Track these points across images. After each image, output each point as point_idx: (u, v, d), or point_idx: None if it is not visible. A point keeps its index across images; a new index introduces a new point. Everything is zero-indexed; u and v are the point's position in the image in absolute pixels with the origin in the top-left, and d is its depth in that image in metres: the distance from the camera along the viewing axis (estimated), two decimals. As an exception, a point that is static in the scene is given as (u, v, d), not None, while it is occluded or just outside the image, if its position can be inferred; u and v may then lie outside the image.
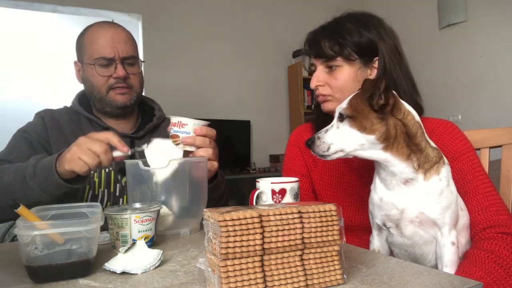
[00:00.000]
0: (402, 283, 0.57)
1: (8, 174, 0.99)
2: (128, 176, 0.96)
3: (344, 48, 0.97)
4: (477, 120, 3.66)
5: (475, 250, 0.82)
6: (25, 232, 0.61)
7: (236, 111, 4.34)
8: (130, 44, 1.21)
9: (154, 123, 1.29)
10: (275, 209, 0.53)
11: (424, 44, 4.16)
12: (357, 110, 0.77)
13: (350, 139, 0.78)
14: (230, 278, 0.50)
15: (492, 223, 0.85)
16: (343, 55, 0.98)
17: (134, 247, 0.70)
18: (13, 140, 1.17)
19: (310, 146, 0.81)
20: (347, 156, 0.80)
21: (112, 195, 1.17)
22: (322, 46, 1.00)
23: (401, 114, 0.78)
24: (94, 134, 0.95)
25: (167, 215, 0.91)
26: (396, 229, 0.83)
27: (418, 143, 0.79)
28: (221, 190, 1.20)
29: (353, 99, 0.79)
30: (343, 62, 0.98)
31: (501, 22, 3.55)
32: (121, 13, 3.94)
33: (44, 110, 1.26)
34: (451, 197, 0.80)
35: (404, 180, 0.79)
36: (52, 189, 0.95)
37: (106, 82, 1.18)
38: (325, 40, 0.99)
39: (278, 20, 4.67)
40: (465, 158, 0.93)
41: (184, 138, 0.99)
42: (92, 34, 1.19)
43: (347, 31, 0.98)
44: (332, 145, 0.79)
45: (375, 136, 0.76)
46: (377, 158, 0.79)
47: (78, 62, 1.24)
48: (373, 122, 0.76)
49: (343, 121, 0.79)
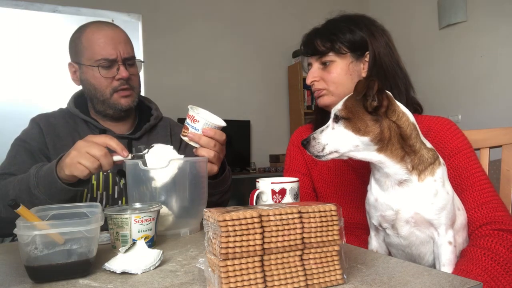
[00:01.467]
0: (402, 283, 0.57)
1: (13, 187, 0.99)
2: (128, 176, 0.96)
3: (335, 43, 1.03)
4: (477, 120, 3.66)
5: (472, 248, 0.82)
6: (25, 232, 0.61)
7: (236, 111, 4.34)
8: (130, 45, 1.21)
9: (151, 123, 1.28)
10: (275, 209, 0.53)
11: (424, 44, 4.16)
12: (351, 111, 0.78)
13: (344, 140, 0.78)
14: (230, 278, 0.50)
15: (488, 220, 0.85)
16: (334, 50, 1.03)
17: (134, 247, 0.70)
18: (13, 151, 1.16)
19: (306, 146, 0.82)
20: (341, 157, 0.81)
21: (111, 197, 1.17)
22: (315, 44, 1.05)
23: (396, 116, 0.78)
24: (92, 137, 0.93)
25: (167, 215, 0.91)
26: (392, 229, 0.83)
27: (412, 144, 0.79)
28: (227, 185, 1.21)
29: (348, 100, 0.80)
30: (335, 56, 1.03)
31: (501, 22, 3.55)
32: (121, 13, 3.94)
33: (38, 115, 1.24)
34: (446, 197, 0.79)
35: (398, 182, 0.80)
36: (57, 195, 0.94)
37: (110, 84, 1.17)
38: (318, 39, 1.05)
39: (278, 20, 4.67)
40: (462, 155, 0.93)
41: (191, 134, 1.00)
42: (91, 35, 1.17)
43: (338, 29, 1.04)
44: (327, 146, 0.79)
45: (369, 137, 0.77)
46: (372, 160, 0.79)
47: (74, 63, 1.21)
48: (367, 124, 0.76)
49: (338, 122, 0.79)
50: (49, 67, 5.04)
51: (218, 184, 1.14)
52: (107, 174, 1.17)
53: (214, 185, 1.11)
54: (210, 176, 1.06)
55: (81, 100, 1.26)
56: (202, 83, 4.25)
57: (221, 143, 1.04)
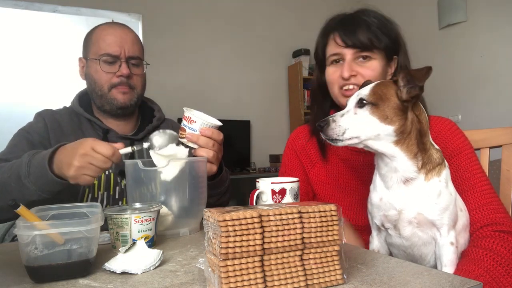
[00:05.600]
0: (402, 283, 0.57)
1: (2, 172, 0.99)
2: (127, 177, 0.96)
3: (381, 41, 0.99)
4: (477, 120, 3.66)
5: (473, 249, 0.82)
6: (25, 232, 0.61)
7: (236, 111, 4.34)
8: (137, 46, 1.22)
9: (153, 124, 1.29)
10: (275, 209, 0.53)
11: (424, 44, 4.16)
12: (381, 98, 0.76)
13: (367, 127, 0.76)
14: (230, 278, 0.50)
15: (489, 221, 0.85)
16: (380, 48, 0.99)
17: (134, 247, 0.70)
18: (15, 140, 1.17)
19: (323, 128, 0.78)
20: (358, 144, 0.79)
21: (112, 198, 1.17)
22: (358, 36, 0.98)
23: (419, 110, 0.79)
24: (95, 145, 0.90)
25: (167, 215, 0.91)
26: (394, 230, 0.83)
27: (425, 142, 0.79)
28: (225, 186, 1.21)
29: (378, 87, 0.78)
30: (377, 55, 1.00)
31: (501, 22, 3.55)
32: (121, 13, 3.94)
33: (44, 110, 1.25)
34: (449, 198, 0.80)
35: (405, 179, 0.79)
36: (47, 187, 0.94)
37: (109, 80, 1.18)
38: (363, 30, 0.99)
39: (278, 20, 4.67)
40: (463, 155, 0.93)
41: (189, 135, 1.00)
42: (101, 32, 1.20)
43: (384, 26, 1.00)
44: (348, 130, 0.77)
45: (394, 127, 0.76)
46: (386, 152, 0.78)
47: (83, 58, 1.25)
48: (395, 113, 0.75)
49: (364, 107, 0.77)
50: (49, 67, 5.04)
51: (216, 185, 1.14)
52: (109, 174, 1.17)
53: (211, 186, 1.11)
54: (209, 177, 1.06)
55: (85, 99, 1.27)
56: (202, 83, 4.25)
57: (219, 143, 1.04)
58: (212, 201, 1.15)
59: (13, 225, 1.31)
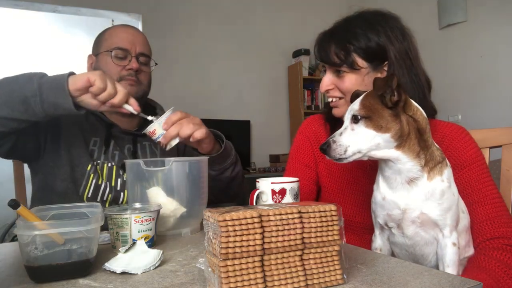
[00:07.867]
0: (402, 283, 0.57)
1: None
2: (128, 176, 0.96)
3: (350, 55, 0.96)
4: (477, 120, 3.66)
5: (484, 257, 0.82)
6: (25, 232, 0.61)
7: (236, 111, 4.34)
8: (147, 46, 1.32)
9: None
10: (275, 209, 0.53)
11: (424, 44, 4.13)
12: (371, 109, 0.77)
13: (366, 140, 0.78)
14: (230, 278, 0.50)
15: (499, 234, 0.86)
16: (347, 64, 0.97)
17: (134, 247, 0.70)
18: None
19: (326, 151, 0.80)
20: (363, 157, 0.80)
21: (114, 189, 1.19)
22: (328, 52, 0.99)
23: (412, 110, 0.79)
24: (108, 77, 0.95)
25: (179, 209, 0.92)
26: (397, 229, 0.83)
27: (427, 139, 0.80)
28: (233, 154, 1.22)
29: (365, 99, 0.79)
30: (348, 70, 0.98)
31: (501, 22, 3.55)
32: (121, 13, 3.94)
33: None
34: (452, 198, 0.80)
35: (409, 179, 0.80)
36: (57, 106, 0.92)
37: (119, 72, 1.22)
38: (332, 46, 0.98)
39: (278, 20, 4.67)
40: (476, 166, 0.93)
41: (163, 139, 1.01)
42: (114, 30, 1.28)
43: (353, 36, 0.96)
44: (349, 147, 0.79)
45: (390, 134, 0.77)
46: (390, 157, 0.79)
47: (93, 55, 1.29)
48: (388, 120, 0.77)
49: (358, 122, 0.79)
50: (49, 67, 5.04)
51: (224, 156, 1.17)
52: (111, 166, 1.20)
53: (220, 160, 1.15)
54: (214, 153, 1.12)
55: None
56: (202, 83, 4.25)
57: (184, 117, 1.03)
58: (228, 174, 1.20)
59: (13, 225, 1.31)
